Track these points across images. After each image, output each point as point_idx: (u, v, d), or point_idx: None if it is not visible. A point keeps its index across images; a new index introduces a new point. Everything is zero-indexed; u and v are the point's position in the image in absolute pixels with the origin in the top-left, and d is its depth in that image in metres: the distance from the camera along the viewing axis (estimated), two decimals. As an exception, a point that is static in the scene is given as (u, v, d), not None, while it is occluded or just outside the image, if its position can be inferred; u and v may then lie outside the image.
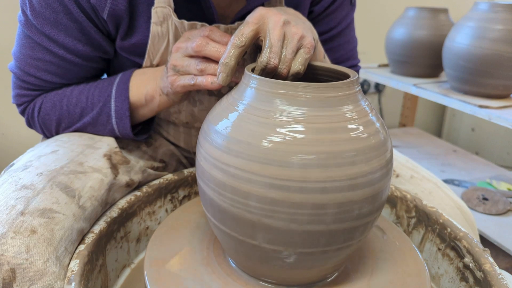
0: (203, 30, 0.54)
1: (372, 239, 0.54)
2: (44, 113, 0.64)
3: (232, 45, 0.47)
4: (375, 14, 1.83)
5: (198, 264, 0.49)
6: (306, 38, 0.48)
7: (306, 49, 0.48)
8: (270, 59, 0.46)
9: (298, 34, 0.47)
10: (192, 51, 0.53)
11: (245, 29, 0.47)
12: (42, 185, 0.50)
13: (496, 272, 0.47)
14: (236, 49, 0.47)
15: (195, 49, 0.52)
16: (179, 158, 0.77)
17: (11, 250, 0.43)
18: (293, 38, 0.47)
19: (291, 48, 0.47)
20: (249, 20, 0.48)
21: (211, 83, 0.52)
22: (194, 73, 0.53)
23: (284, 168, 0.37)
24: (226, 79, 0.48)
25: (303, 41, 0.48)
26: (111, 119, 0.62)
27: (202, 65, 0.52)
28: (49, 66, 0.61)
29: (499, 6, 1.20)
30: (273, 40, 0.46)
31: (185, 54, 0.54)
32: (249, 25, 0.47)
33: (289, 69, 0.47)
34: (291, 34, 0.47)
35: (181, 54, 0.55)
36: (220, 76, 0.48)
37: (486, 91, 1.24)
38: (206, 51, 0.52)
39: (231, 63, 0.47)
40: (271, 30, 0.47)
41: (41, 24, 0.57)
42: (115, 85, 0.62)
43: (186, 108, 0.70)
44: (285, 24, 0.47)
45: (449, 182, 1.48)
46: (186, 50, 0.54)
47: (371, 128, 0.41)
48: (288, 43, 0.47)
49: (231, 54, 0.47)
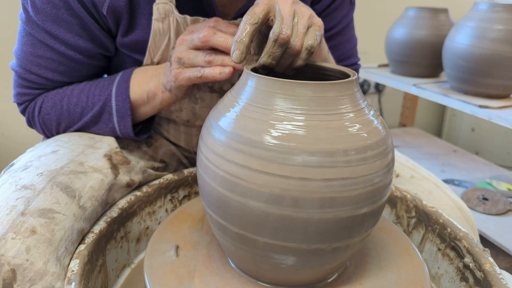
0: (208, 22, 0.54)
1: (372, 239, 0.54)
2: (44, 113, 0.64)
3: (245, 22, 0.46)
4: (375, 14, 1.83)
5: (198, 264, 0.49)
6: (316, 17, 0.48)
7: (317, 26, 0.48)
8: (283, 29, 0.45)
9: (308, 13, 0.48)
10: (199, 41, 0.52)
11: (256, 9, 0.47)
12: (43, 185, 0.50)
13: (496, 272, 0.47)
14: (250, 26, 0.46)
15: (202, 39, 0.52)
16: (179, 158, 0.77)
17: (12, 251, 0.43)
18: (304, 15, 0.47)
19: (302, 24, 0.47)
20: (259, 1, 0.48)
21: (219, 73, 0.51)
22: (202, 65, 0.53)
23: (283, 165, 0.38)
24: (241, 56, 0.47)
25: (313, 20, 0.48)
26: (112, 118, 0.62)
27: (210, 56, 0.52)
28: (50, 64, 0.62)
29: (499, 6, 1.20)
30: (284, 14, 0.46)
31: (190, 47, 0.54)
32: (259, 5, 0.47)
33: (302, 43, 0.46)
34: (301, 12, 0.47)
35: (186, 47, 0.54)
36: (234, 54, 0.46)
37: (486, 91, 1.24)
38: (214, 41, 0.51)
39: (245, 40, 0.46)
40: (281, 7, 0.47)
41: (42, 21, 0.58)
42: (115, 84, 0.62)
43: (188, 106, 0.70)
44: (294, 3, 0.48)
45: (449, 182, 1.48)
46: (192, 42, 0.53)
47: (371, 127, 0.41)
48: (299, 19, 0.47)
49: (246, 31, 0.46)
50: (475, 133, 1.98)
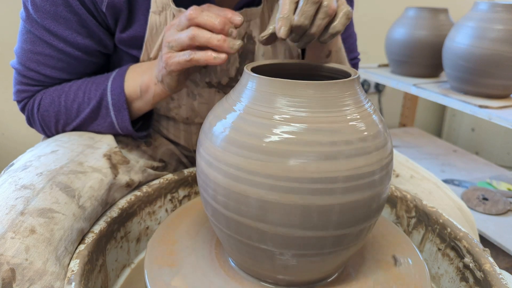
0: (202, 7, 0.53)
1: (372, 239, 0.54)
2: (43, 109, 0.65)
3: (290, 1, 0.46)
4: (375, 14, 1.83)
5: (199, 264, 0.48)
6: None
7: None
8: None
9: None
10: (185, 19, 0.51)
11: None
12: (42, 185, 0.50)
13: (496, 272, 0.47)
14: (292, 5, 0.46)
15: (188, 17, 0.51)
16: (179, 157, 0.77)
17: (11, 250, 0.43)
18: None
19: None
20: None
21: (214, 58, 0.50)
22: (187, 43, 0.51)
23: (285, 168, 0.37)
24: (287, 32, 0.46)
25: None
26: (110, 112, 0.62)
27: (192, 31, 0.50)
28: (49, 60, 0.62)
29: (499, 6, 1.20)
30: None
31: (178, 29, 0.53)
32: None
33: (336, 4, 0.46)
34: None
35: (174, 30, 0.53)
36: (281, 30, 0.46)
37: (486, 91, 1.24)
38: (200, 18, 0.50)
39: (290, 17, 0.46)
40: None
41: (41, 18, 0.58)
42: (111, 79, 0.62)
43: (186, 103, 0.70)
44: None
45: (449, 182, 1.48)
46: (180, 23, 0.53)
47: (372, 128, 0.41)
48: None
49: (291, 8, 0.46)
50: (475, 133, 1.98)
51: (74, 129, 0.66)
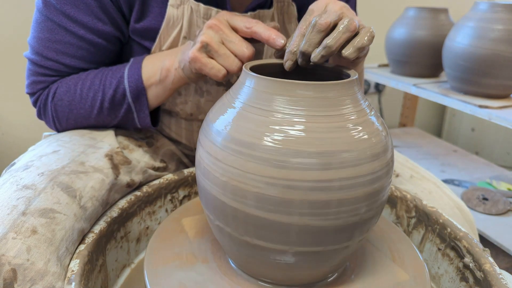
0: (222, 14, 0.55)
1: (372, 239, 0.54)
2: (57, 98, 0.64)
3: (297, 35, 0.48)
4: (375, 14, 1.83)
5: (198, 264, 0.49)
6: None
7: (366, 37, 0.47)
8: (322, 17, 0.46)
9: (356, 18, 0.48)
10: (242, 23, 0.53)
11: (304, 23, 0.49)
12: (43, 185, 0.50)
13: (496, 272, 0.47)
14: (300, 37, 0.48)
15: (247, 25, 0.53)
16: (180, 158, 0.77)
17: (12, 250, 0.43)
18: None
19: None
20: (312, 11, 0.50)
21: None
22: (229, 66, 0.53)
23: (283, 168, 0.37)
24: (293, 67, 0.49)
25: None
26: (127, 99, 0.62)
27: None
28: (69, 48, 0.62)
29: (499, 6, 1.20)
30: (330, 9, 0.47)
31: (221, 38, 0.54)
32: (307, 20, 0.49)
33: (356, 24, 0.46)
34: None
35: (218, 38, 0.54)
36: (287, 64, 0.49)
37: (486, 91, 1.24)
38: (256, 28, 0.52)
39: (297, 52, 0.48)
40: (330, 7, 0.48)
41: (60, 4, 0.58)
42: (127, 66, 0.63)
43: (193, 99, 0.70)
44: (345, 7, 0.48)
45: (449, 182, 1.48)
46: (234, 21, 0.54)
47: (371, 128, 0.41)
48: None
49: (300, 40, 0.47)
50: (475, 133, 1.98)
51: (85, 121, 0.65)
